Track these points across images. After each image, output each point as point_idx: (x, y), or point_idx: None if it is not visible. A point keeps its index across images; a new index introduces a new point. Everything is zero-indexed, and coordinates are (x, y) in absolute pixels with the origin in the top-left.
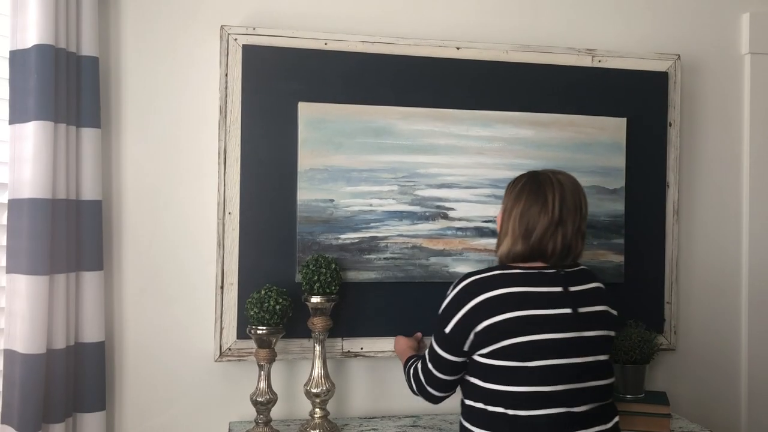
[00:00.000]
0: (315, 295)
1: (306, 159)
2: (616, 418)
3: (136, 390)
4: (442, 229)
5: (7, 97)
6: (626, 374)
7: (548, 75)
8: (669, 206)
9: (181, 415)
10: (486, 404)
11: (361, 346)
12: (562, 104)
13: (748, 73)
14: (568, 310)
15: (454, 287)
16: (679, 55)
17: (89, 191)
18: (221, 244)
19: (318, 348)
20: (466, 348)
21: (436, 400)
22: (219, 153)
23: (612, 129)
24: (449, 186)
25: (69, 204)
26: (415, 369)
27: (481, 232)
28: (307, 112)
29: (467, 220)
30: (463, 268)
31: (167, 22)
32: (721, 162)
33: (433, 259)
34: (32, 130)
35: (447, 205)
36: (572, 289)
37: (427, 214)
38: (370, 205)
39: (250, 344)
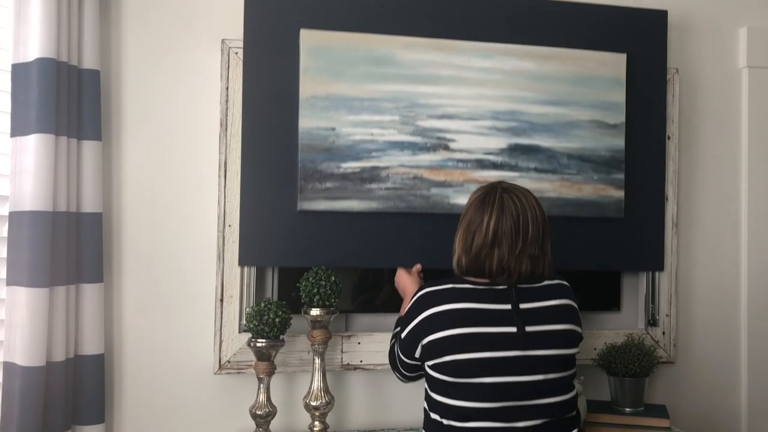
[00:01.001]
0: (315, 307)
1: (307, 86)
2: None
3: (135, 402)
4: (443, 160)
5: (9, 110)
6: (625, 387)
7: (549, 8)
8: (668, 219)
9: (180, 428)
10: (441, 417)
11: (360, 359)
12: (563, 38)
13: (746, 86)
14: (513, 329)
15: (412, 297)
16: (677, 69)
17: (90, 203)
18: (221, 257)
19: (317, 361)
20: (417, 356)
21: (404, 381)
22: (219, 166)
23: (612, 64)
24: (450, 117)
25: (69, 216)
26: (394, 345)
27: (482, 164)
28: (309, 39)
29: (468, 151)
30: (464, 200)
31: (168, 35)
32: (719, 175)
33: (434, 190)
34: (33, 143)
35: (448, 136)
36: (522, 306)
37: (428, 144)
38: (372, 135)
39: (250, 357)
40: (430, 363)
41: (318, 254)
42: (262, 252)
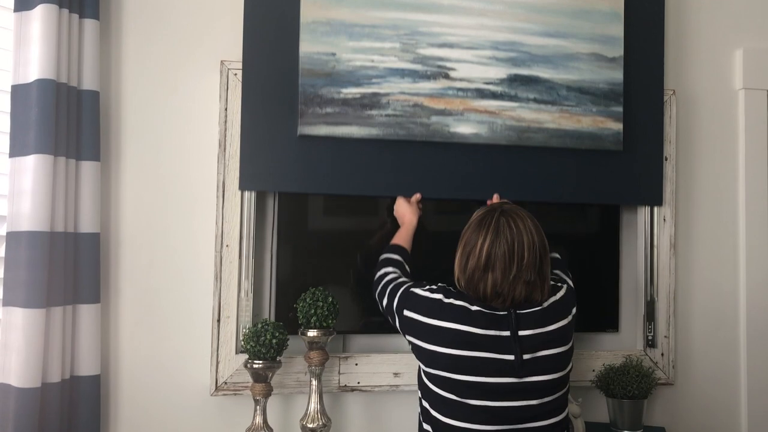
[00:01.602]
0: (312, 328)
1: (308, 11)
2: None
3: (131, 424)
4: (444, 88)
5: (8, 131)
6: (624, 409)
7: None
8: (665, 240)
9: None
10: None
11: (357, 380)
12: None
13: (742, 107)
14: (510, 357)
15: (401, 288)
16: (674, 90)
17: (87, 224)
18: (218, 277)
19: (314, 382)
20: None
21: (382, 311)
22: (217, 186)
23: None
24: (451, 46)
25: (67, 237)
26: (389, 280)
27: (482, 94)
28: None
29: (468, 80)
30: (463, 129)
31: (167, 57)
32: (717, 196)
33: (434, 118)
34: (32, 164)
35: (448, 65)
36: (522, 333)
37: (428, 73)
38: (372, 61)
39: (247, 378)
40: (426, 370)
41: (318, 181)
42: (263, 177)
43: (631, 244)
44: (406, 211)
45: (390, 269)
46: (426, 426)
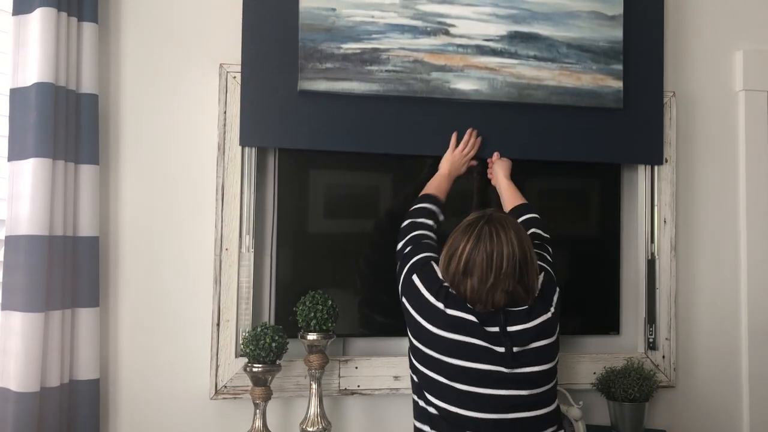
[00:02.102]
0: (311, 332)
1: None
2: None
3: (130, 428)
4: (444, 44)
5: (7, 134)
6: (625, 412)
7: None
8: (666, 242)
9: None
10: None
11: (357, 383)
12: None
13: (742, 109)
14: (501, 349)
15: (414, 258)
16: (674, 92)
17: (86, 227)
18: (218, 281)
19: (314, 386)
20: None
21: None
22: (217, 189)
23: None
24: (450, 2)
25: (66, 240)
26: (412, 236)
27: (481, 50)
28: None
29: (468, 37)
30: (464, 85)
31: (166, 60)
32: (718, 197)
33: (434, 74)
34: (31, 167)
35: (448, 21)
36: (510, 329)
37: (428, 29)
38: (372, 17)
39: (246, 382)
40: (414, 345)
41: (318, 137)
42: (263, 133)
43: (632, 246)
44: (442, 162)
45: (417, 221)
46: (417, 399)
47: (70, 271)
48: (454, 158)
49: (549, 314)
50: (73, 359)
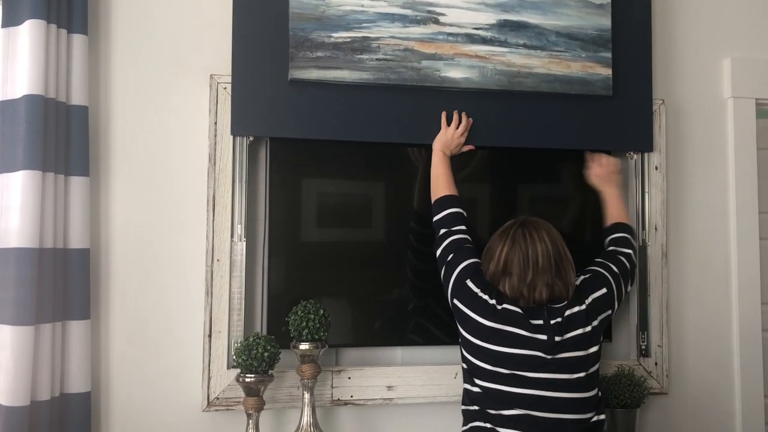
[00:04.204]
0: (304, 341)
1: None
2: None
3: None
4: (434, 33)
5: None
6: (617, 419)
7: None
8: (657, 249)
9: None
10: (481, 406)
11: (350, 394)
12: None
13: (731, 116)
14: (544, 336)
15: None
16: (663, 100)
17: (77, 240)
18: (209, 292)
19: (307, 396)
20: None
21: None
22: (208, 200)
23: None
24: None
25: (56, 253)
26: (450, 242)
27: (471, 39)
28: None
29: (458, 25)
30: (454, 73)
31: (156, 71)
32: (707, 204)
33: (424, 63)
34: (20, 180)
35: (438, 10)
36: (552, 321)
37: (418, 17)
38: (362, 6)
39: (239, 393)
40: (467, 337)
41: (310, 125)
42: (255, 122)
43: None
44: (435, 143)
45: (452, 229)
46: (465, 385)
47: (61, 283)
48: (447, 137)
49: (583, 306)
50: (64, 372)
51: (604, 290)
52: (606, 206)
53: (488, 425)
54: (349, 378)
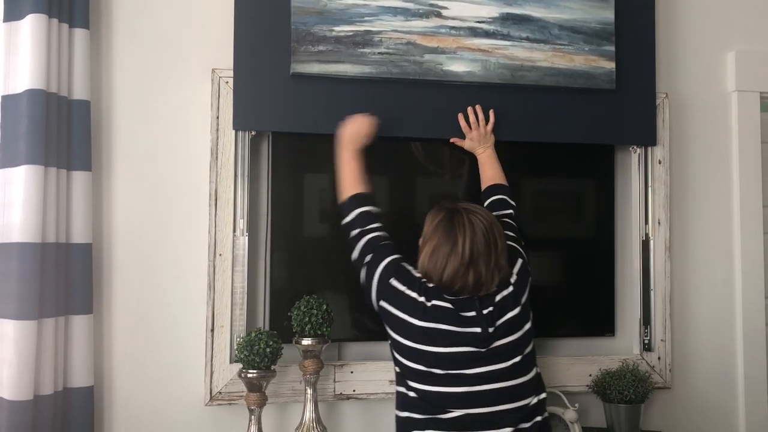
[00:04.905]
0: (306, 337)
1: None
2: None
3: None
4: (436, 26)
5: None
6: (621, 414)
7: None
8: (660, 243)
9: None
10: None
11: (353, 388)
12: None
13: (735, 110)
14: (478, 329)
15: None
16: (666, 94)
17: (79, 234)
18: (212, 287)
19: (309, 391)
20: (373, 293)
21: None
22: (210, 195)
23: None
24: None
25: (59, 247)
26: (366, 242)
27: (474, 32)
28: None
29: (461, 19)
30: (457, 67)
31: (158, 65)
32: (711, 198)
33: (427, 56)
34: (23, 174)
35: (440, 3)
36: (485, 311)
37: (420, 11)
38: None
39: (241, 388)
40: (397, 339)
41: (312, 120)
42: (257, 116)
43: (626, 248)
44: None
45: (365, 228)
46: (399, 388)
47: (63, 278)
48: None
49: (511, 288)
50: (67, 367)
51: (520, 261)
52: (481, 169)
53: None
54: (352, 372)
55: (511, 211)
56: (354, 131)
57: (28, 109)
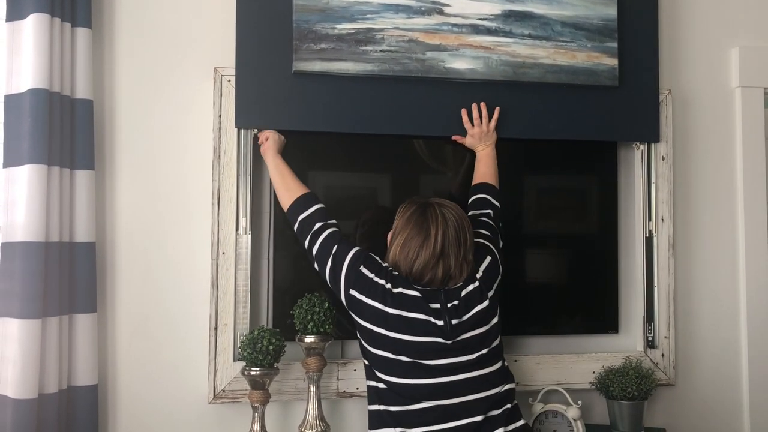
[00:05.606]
0: (309, 334)
1: None
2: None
3: None
4: (438, 24)
5: (1, 141)
6: (624, 411)
7: None
8: (664, 240)
9: None
10: (386, 404)
11: (356, 386)
12: None
13: (739, 106)
14: (441, 322)
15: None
16: (670, 90)
17: (83, 233)
18: (215, 285)
19: (312, 389)
20: (341, 285)
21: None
22: (213, 193)
23: None
24: None
25: (62, 246)
26: (329, 234)
27: (476, 30)
28: None
29: (463, 16)
30: (459, 64)
31: (161, 64)
32: (715, 194)
33: (429, 54)
34: (26, 174)
35: (442, 0)
36: (449, 304)
37: (422, 8)
38: None
39: (244, 386)
40: (366, 326)
41: (314, 118)
42: (259, 114)
43: (630, 245)
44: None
45: (327, 223)
46: (370, 382)
47: (67, 277)
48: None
49: (477, 283)
50: (71, 365)
51: (489, 258)
52: (476, 165)
53: (398, 430)
54: (355, 370)
55: (490, 210)
56: (274, 140)
57: (31, 108)
